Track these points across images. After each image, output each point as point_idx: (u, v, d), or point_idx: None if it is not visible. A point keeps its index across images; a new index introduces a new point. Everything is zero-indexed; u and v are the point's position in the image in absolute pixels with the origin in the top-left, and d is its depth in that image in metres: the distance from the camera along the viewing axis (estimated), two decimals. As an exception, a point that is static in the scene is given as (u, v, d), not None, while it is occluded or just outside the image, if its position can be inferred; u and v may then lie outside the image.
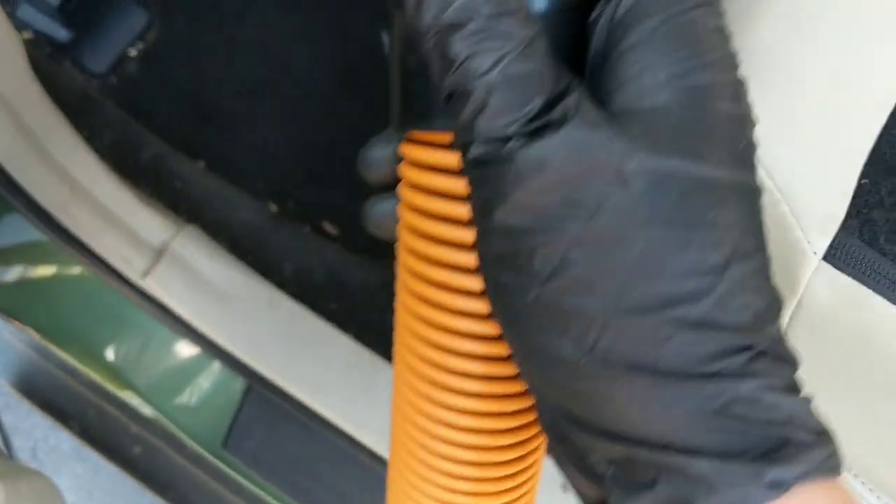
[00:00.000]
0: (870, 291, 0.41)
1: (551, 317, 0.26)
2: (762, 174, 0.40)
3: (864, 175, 0.41)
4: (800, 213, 0.40)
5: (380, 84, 1.12)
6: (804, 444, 0.26)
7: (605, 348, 0.26)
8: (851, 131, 0.41)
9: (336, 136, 1.09)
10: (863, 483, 0.55)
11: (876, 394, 0.46)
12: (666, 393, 0.26)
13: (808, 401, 0.27)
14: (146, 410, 0.88)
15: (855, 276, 0.41)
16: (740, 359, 0.26)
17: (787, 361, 0.27)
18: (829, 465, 0.26)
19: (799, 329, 0.44)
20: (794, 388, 0.27)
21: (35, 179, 0.69)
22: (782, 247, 0.41)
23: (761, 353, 0.26)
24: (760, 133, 0.40)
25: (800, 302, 0.43)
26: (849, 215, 0.41)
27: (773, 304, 0.28)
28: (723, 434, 0.25)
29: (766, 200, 0.40)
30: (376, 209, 0.38)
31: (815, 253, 0.40)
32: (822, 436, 0.27)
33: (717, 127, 0.27)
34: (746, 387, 0.26)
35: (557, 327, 0.26)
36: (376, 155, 0.38)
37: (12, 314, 0.85)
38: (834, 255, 0.41)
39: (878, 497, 0.55)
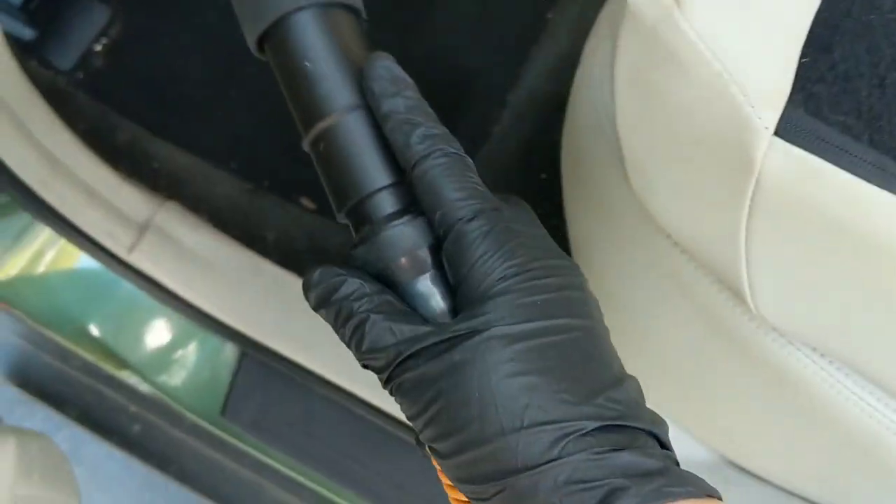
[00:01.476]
0: (820, 160, 0.44)
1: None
2: (710, 58, 0.43)
3: (803, 54, 0.45)
4: (748, 90, 0.43)
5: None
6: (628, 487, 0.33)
7: None
8: (790, 13, 0.44)
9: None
10: (835, 366, 0.58)
11: (834, 267, 0.49)
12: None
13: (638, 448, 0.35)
14: (144, 388, 0.90)
15: (805, 147, 0.44)
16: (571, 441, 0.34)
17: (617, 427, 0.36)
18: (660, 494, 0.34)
19: (760, 210, 0.47)
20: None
21: (17, 157, 0.71)
22: (735, 127, 0.44)
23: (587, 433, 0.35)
24: (712, 22, 0.43)
25: (758, 181, 0.46)
26: (793, 91, 0.44)
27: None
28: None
29: (716, 83, 0.43)
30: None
31: (766, 128, 0.43)
32: (651, 475, 0.34)
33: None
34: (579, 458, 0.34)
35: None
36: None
37: (2, 297, 0.87)
38: (784, 129, 0.44)
39: (843, 376, 0.58)
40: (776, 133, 0.44)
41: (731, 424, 0.74)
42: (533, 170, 0.90)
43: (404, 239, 0.39)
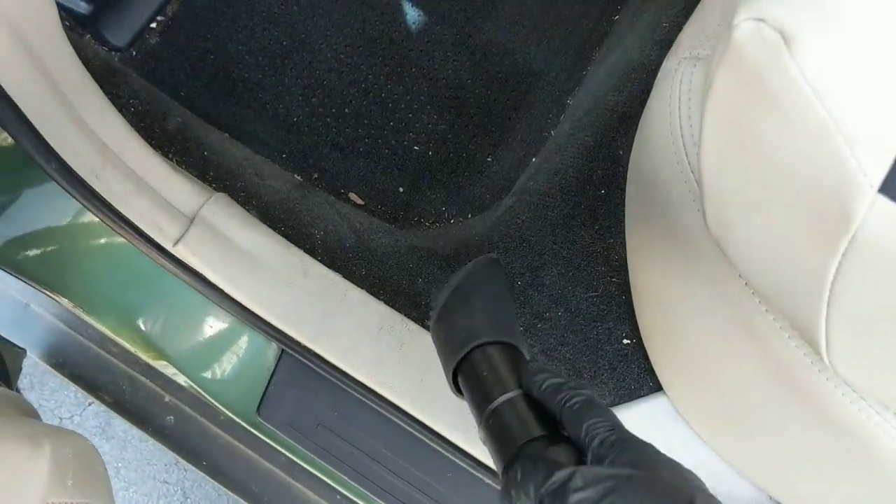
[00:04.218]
0: (926, 224, 0.40)
1: None
2: (817, 106, 0.39)
3: (919, 106, 0.41)
4: (854, 143, 0.39)
5: (400, 53, 1.11)
6: None
7: None
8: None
9: (359, 105, 1.08)
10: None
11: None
12: None
13: None
14: (180, 380, 0.88)
15: (912, 209, 0.40)
16: None
17: None
18: None
19: (852, 266, 0.44)
20: None
21: (68, 143, 0.69)
22: (836, 180, 0.41)
23: None
24: (823, 67, 0.39)
25: (854, 238, 0.42)
26: (905, 146, 0.40)
27: None
28: None
29: (820, 132, 0.40)
30: None
31: (871, 186, 0.40)
32: None
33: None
34: None
35: None
36: None
37: (44, 283, 0.86)
38: (891, 188, 0.40)
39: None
40: (881, 190, 0.40)
41: (786, 469, 0.71)
42: (592, 183, 0.87)
43: (555, 453, 0.51)
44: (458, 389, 0.62)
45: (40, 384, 1.43)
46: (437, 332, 0.64)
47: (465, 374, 0.61)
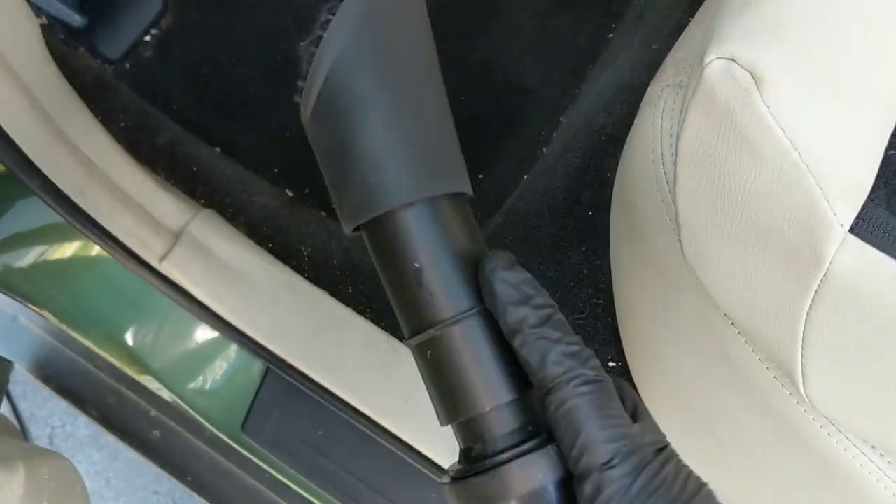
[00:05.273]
0: (898, 264, 0.40)
1: None
2: (787, 146, 0.39)
3: (890, 146, 0.41)
4: (825, 184, 0.39)
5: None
6: None
7: None
8: (878, 102, 0.41)
9: (351, 120, 1.08)
10: (889, 462, 0.54)
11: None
12: None
13: None
14: (165, 395, 0.88)
15: (882, 249, 0.40)
16: None
17: None
18: None
19: (824, 303, 0.44)
20: None
21: (51, 160, 0.69)
22: (807, 219, 0.41)
23: None
24: (793, 108, 0.39)
25: (825, 276, 0.42)
26: (875, 186, 0.40)
27: None
28: None
29: (791, 172, 0.40)
30: None
31: (841, 225, 0.40)
32: None
33: None
34: None
35: None
36: None
37: (29, 298, 0.86)
38: (861, 227, 0.40)
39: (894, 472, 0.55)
40: (852, 230, 0.40)
41: (767, 498, 0.71)
42: (581, 204, 0.87)
43: (532, 475, 0.34)
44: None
45: (33, 393, 1.43)
46: (320, 140, 0.40)
47: (383, 249, 0.38)
